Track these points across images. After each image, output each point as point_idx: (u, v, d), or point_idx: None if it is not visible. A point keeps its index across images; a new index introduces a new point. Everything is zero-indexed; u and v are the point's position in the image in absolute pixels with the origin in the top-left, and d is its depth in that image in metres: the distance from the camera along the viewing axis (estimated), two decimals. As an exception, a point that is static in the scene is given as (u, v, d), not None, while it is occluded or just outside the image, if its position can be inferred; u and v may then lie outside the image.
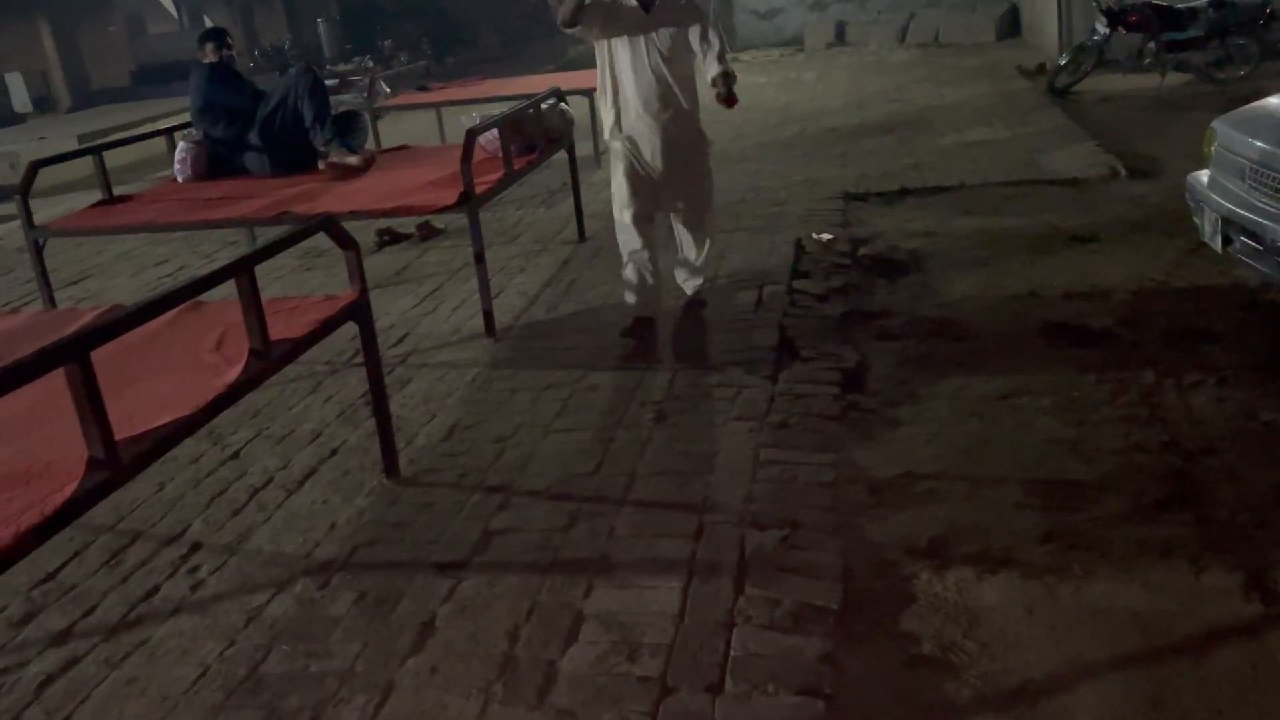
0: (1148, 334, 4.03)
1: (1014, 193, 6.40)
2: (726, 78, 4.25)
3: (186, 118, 6.33)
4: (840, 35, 16.86)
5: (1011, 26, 15.39)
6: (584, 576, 2.74)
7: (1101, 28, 9.52)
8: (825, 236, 5.71)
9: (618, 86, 4.27)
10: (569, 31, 4.08)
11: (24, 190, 5.02)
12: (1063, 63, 9.81)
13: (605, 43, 4.23)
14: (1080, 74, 9.64)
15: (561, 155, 6.11)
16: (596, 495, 3.17)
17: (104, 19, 22.81)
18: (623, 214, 4.41)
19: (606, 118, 4.34)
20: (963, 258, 5.22)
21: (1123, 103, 9.12)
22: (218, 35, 6.21)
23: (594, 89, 9.21)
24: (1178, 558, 2.62)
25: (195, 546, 3.14)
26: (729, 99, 4.25)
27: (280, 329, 2.95)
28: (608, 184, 6.20)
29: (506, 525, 3.06)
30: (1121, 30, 9.45)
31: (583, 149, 7.30)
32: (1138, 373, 3.68)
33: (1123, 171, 6.56)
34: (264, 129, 5.85)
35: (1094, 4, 9.80)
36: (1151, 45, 9.41)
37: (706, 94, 4.37)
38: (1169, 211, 5.48)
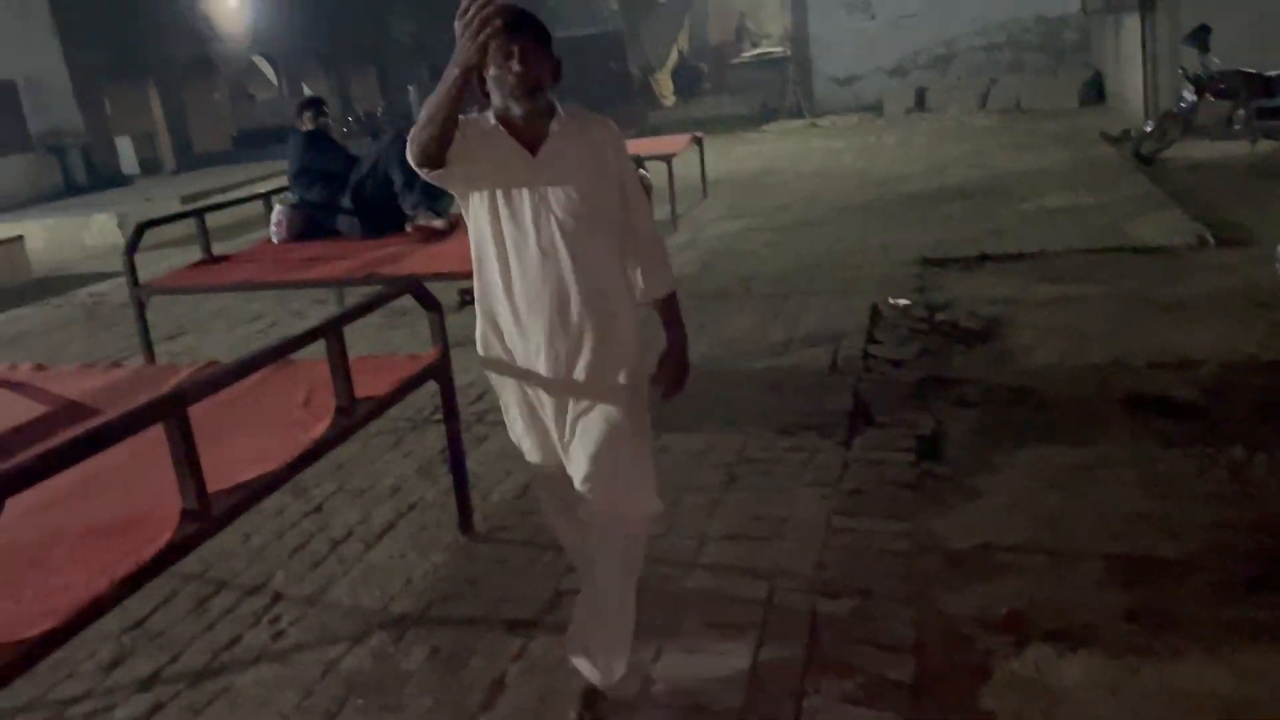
0: (1238, 407, 3.91)
1: (1097, 260, 6.30)
2: (670, 316, 2.54)
3: (283, 180, 6.62)
4: (920, 101, 16.90)
5: (1095, 92, 15.26)
6: (653, 639, 2.74)
7: (1189, 95, 9.38)
8: (902, 301, 5.69)
9: (491, 273, 2.40)
10: (431, 174, 2.23)
11: (131, 249, 5.29)
12: (1148, 129, 9.67)
13: (477, 199, 2.35)
14: (1167, 141, 9.49)
15: (640, 219, 6.20)
16: (666, 557, 3.18)
17: (209, 86, 23.99)
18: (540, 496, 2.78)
19: (478, 323, 2.48)
20: (1043, 325, 5.14)
21: (1211, 170, 8.94)
22: (314, 104, 6.52)
23: (675, 154, 9.49)
24: (1268, 641, 2.52)
25: (277, 597, 3.23)
26: (671, 376, 2.56)
27: (365, 387, 3.05)
28: (684, 246, 6.24)
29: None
30: (1209, 97, 9.30)
31: (659, 212, 7.42)
32: (1227, 447, 3.57)
33: (1211, 240, 6.42)
34: (355, 193, 6.08)
35: (1180, 71, 9.68)
36: (1241, 112, 9.23)
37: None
38: (1260, 281, 5.34)
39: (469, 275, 2.56)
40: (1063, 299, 5.55)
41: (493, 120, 2.30)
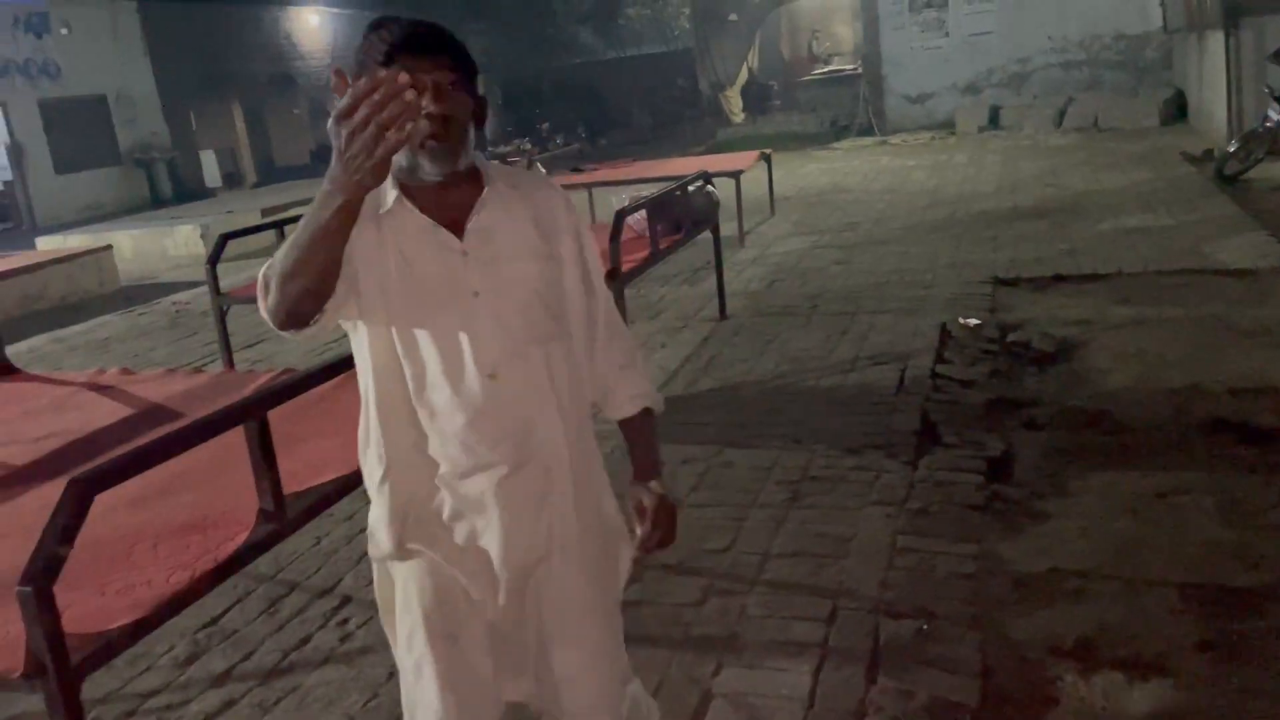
0: (1323, 435, 3.79)
1: (1176, 282, 6.15)
2: (647, 440, 1.85)
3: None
4: (994, 119, 16.66)
5: (1177, 111, 14.88)
6: (714, 654, 2.74)
7: (1274, 114, 9.11)
8: (972, 321, 5.61)
9: (401, 426, 1.64)
10: (302, 332, 1.50)
11: (213, 260, 5.46)
12: (1232, 149, 9.41)
13: (374, 320, 1.60)
14: (1251, 161, 9.22)
15: (706, 235, 6.23)
16: (729, 573, 3.18)
17: (289, 102, 24.69)
18: None
19: (375, 509, 1.68)
20: (1119, 348, 5.03)
21: (1299, 190, 8.67)
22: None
23: (743, 171, 9.51)
24: (1354, 678, 2.44)
25: (345, 600, 3.30)
26: (660, 526, 1.78)
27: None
28: (751, 262, 6.28)
29: (638, 597, 3.09)
30: (1297, 116, 9.02)
31: (726, 229, 7.44)
32: (1311, 476, 3.46)
33: (1297, 262, 6.22)
34: (428, 207, 6.19)
35: (1265, 90, 9.40)
36: (1329, 131, 8.94)
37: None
38: (1349, 305, 5.16)
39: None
40: (1140, 321, 5.42)
41: (391, 192, 1.56)
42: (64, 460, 2.84)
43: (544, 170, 11.11)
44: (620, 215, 4.95)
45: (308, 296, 1.42)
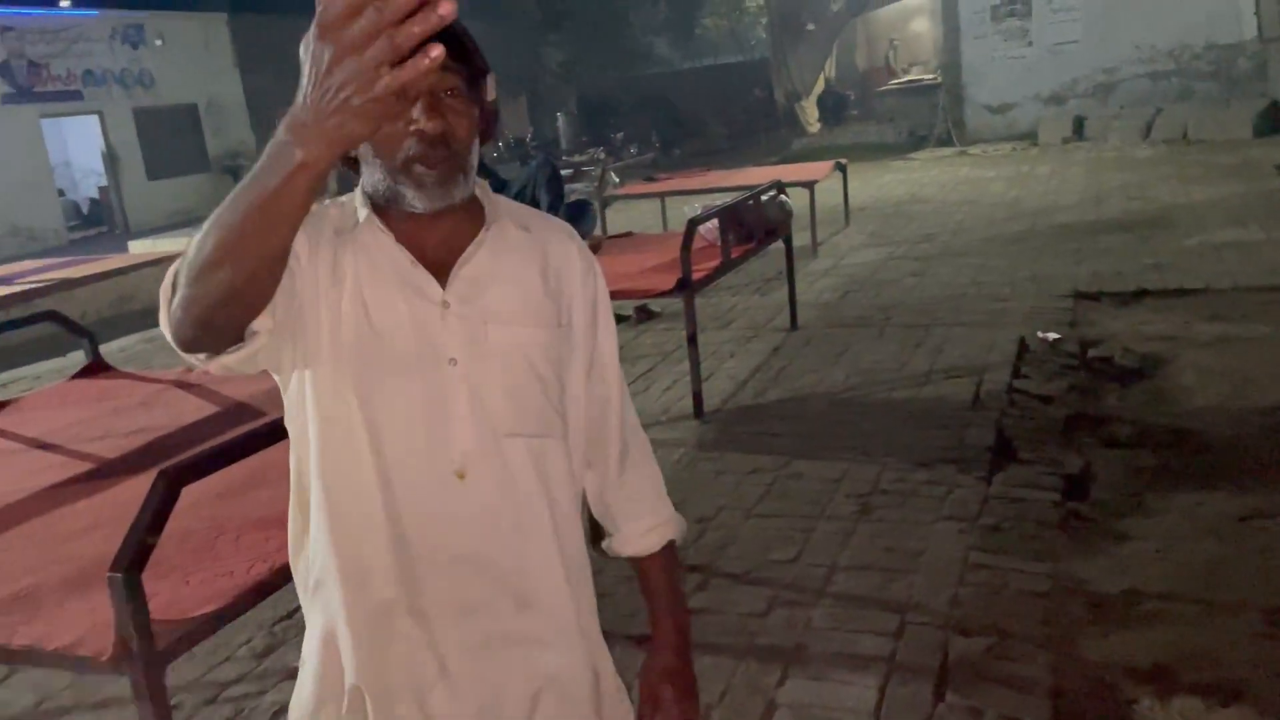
0: None
1: (1268, 299, 5.94)
2: (670, 585, 1.47)
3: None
4: (1078, 130, 16.29)
5: (1271, 123, 14.37)
6: (779, 664, 2.73)
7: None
8: (1051, 335, 5.50)
9: (341, 532, 1.21)
10: (214, 361, 1.07)
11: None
12: (1330, 161, 9.07)
13: (316, 379, 1.18)
14: (1351, 173, 8.88)
15: (778, 244, 6.21)
16: (795, 584, 3.16)
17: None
18: None
19: (307, 668, 1.32)
20: (1205, 365, 4.88)
21: (1402, 205, 8.32)
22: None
23: (817, 181, 9.45)
24: None
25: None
26: (678, 701, 1.39)
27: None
28: (824, 273, 6.21)
29: (704, 605, 3.10)
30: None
31: (799, 239, 7.40)
32: None
33: (1399, 280, 5.97)
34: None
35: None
36: None
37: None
38: None
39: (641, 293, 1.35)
40: (1227, 339, 5.25)
41: (361, 212, 1.21)
42: (153, 454, 2.94)
43: (617, 179, 11.18)
44: (692, 224, 4.96)
45: (230, 301, 0.97)
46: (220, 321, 1.01)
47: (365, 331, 1.18)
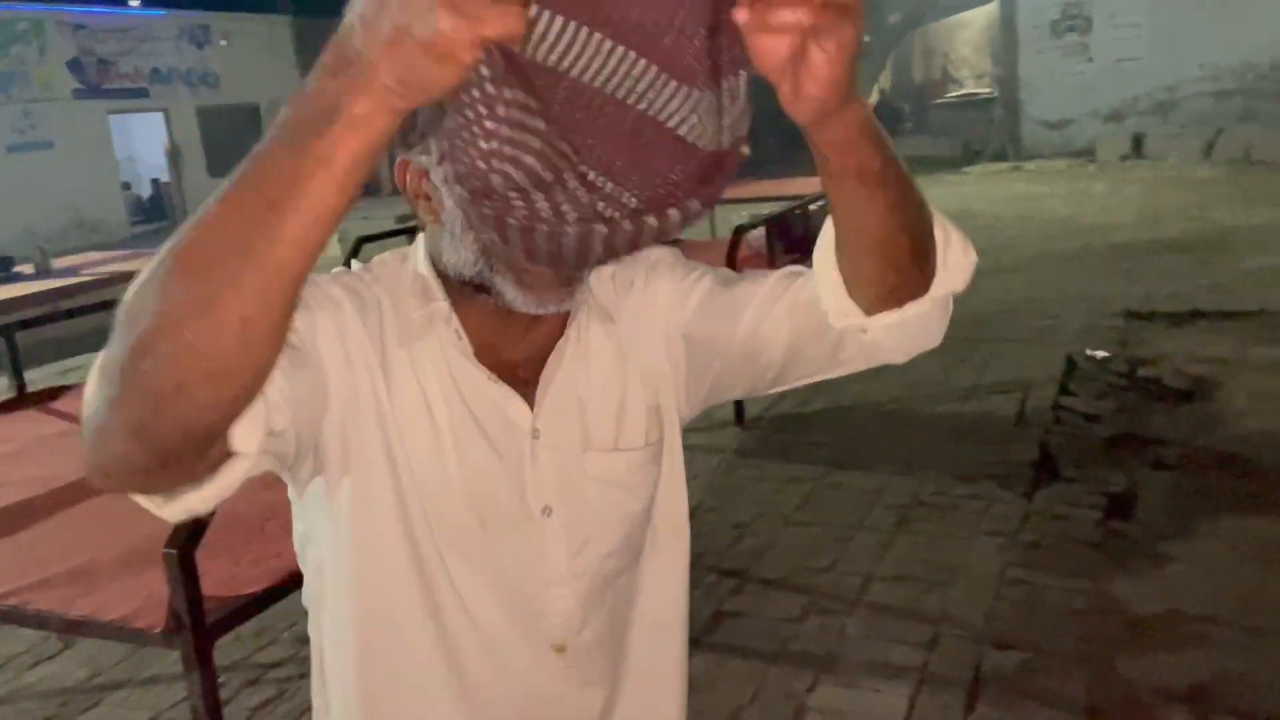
0: None
1: (1326, 323, 5.82)
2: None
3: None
4: (1137, 148, 16.03)
5: (1339, 144, 14.05)
6: (811, 670, 2.74)
7: None
8: (1100, 354, 5.44)
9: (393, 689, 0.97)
10: (166, 506, 0.69)
11: (349, 260, 5.72)
12: (1398, 185, 8.85)
13: (356, 525, 0.91)
14: None
15: (827, 256, 6.21)
16: (830, 592, 3.17)
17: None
18: None
19: None
20: (1258, 389, 4.80)
21: None
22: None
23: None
24: None
25: (455, 591, 3.42)
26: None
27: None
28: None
29: (739, 609, 3.12)
30: None
31: (850, 251, 7.36)
32: None
33: None
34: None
35: None
36: None
37: None
38: None
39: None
40: (1283, 363, 5.16)
41: (439, 305, 0.92)
42: (207, 440, 3.03)
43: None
44: (738, 232, 4.98)
45: (212, 379, 0.60)
46: (192, 426, 0.60)
47: (433, 470, 0.88)
